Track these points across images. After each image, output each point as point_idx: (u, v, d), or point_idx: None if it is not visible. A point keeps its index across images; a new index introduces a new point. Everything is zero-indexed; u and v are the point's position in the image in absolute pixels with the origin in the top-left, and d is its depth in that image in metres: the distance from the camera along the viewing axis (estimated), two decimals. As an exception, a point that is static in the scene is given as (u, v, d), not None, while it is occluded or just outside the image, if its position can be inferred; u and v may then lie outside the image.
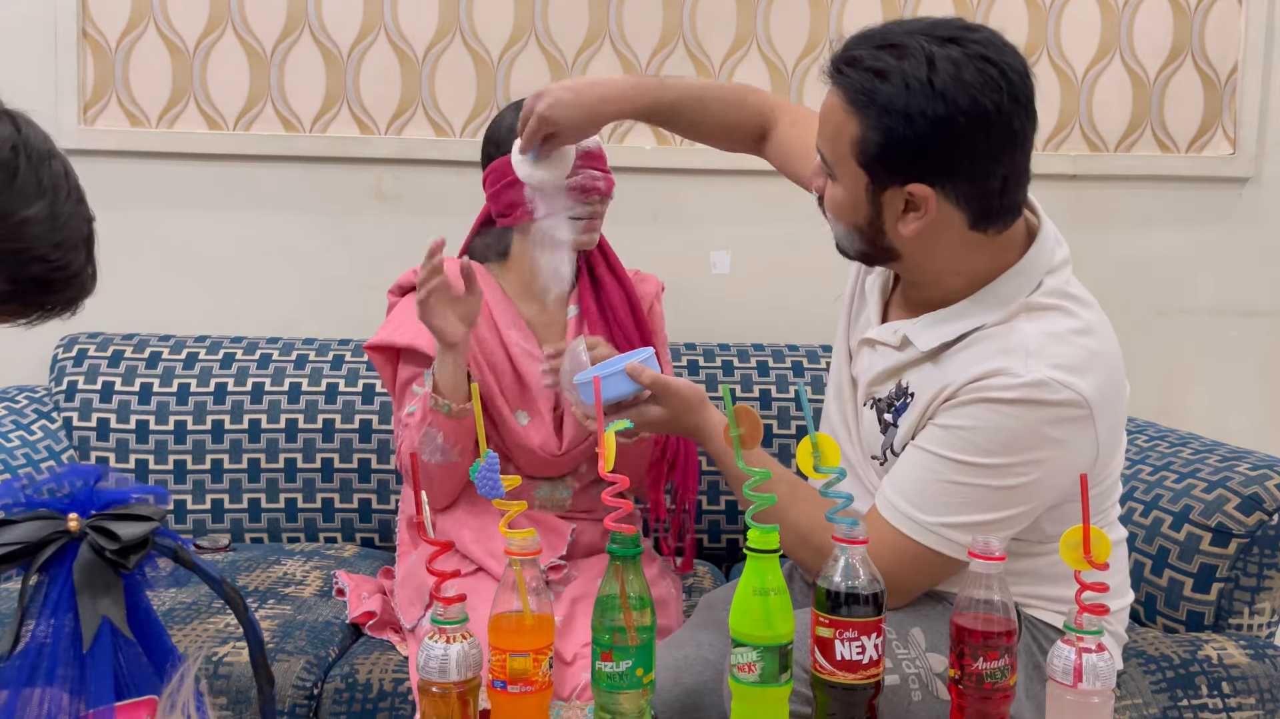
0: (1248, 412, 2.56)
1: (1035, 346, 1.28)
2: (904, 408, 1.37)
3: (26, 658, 0.81)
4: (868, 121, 1.25)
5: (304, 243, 2.45)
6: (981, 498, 1.29)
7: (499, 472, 1.08)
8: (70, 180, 1.12)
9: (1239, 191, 2.53)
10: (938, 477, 1.30)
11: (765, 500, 1.09)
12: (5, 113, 1.10)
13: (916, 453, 1.33)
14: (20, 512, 0.84)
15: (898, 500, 1.33)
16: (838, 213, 1.35)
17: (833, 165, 1.32)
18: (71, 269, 1.11)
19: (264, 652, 0.90)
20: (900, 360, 1.39)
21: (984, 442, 1.28)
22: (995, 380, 1.27)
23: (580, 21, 2.43)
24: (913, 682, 1.31)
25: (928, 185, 1.26)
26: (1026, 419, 1.26)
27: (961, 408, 1.29)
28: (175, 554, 0.86)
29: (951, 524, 1.29)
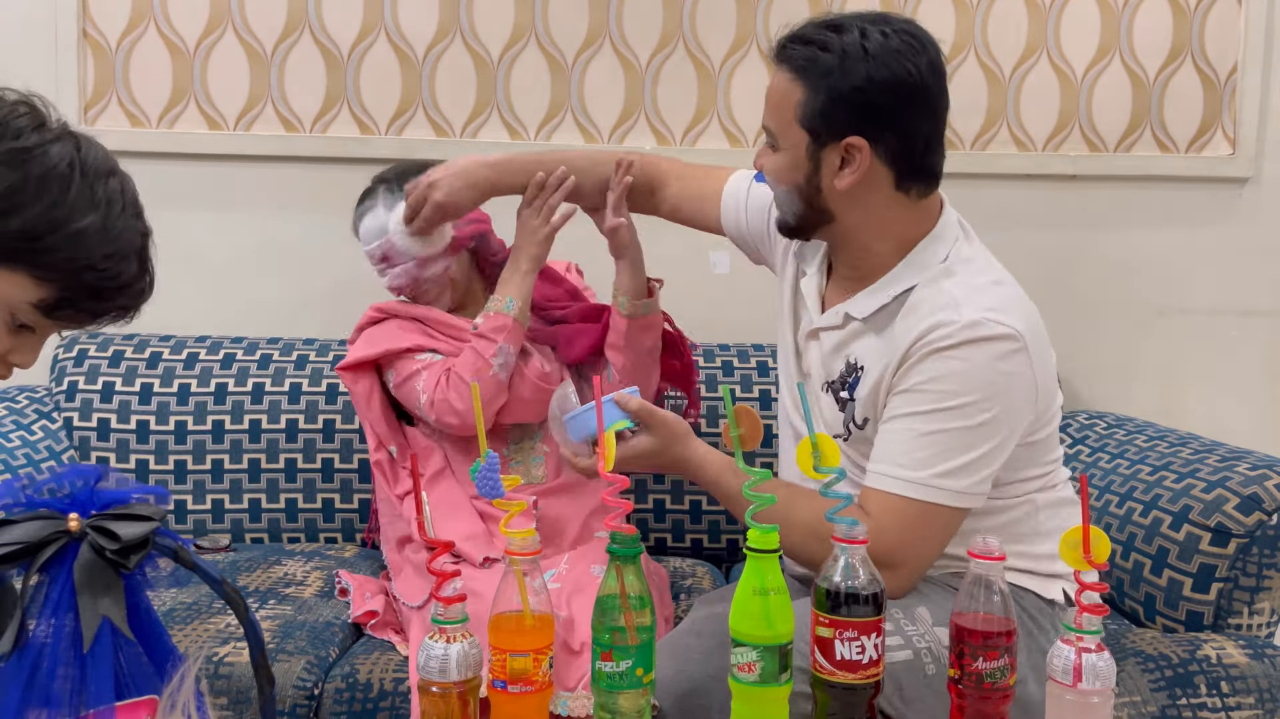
0: (1248, 412, 2.56)
1: (962, 296, 1.41)
2: (856, 382, 1.47)
3: (27, 658, 0.81)
4: (810, 86, 1.42)
5: (304, 243, 2.45)
6: (957, 440, 1.38)
7: (499, 472, 1.08)
8: (127, 196, 1.20)
9: (1239, 191, 2.53)
10: (913, 434, 1.39)
11: (765, 500, 1.09)
12: (69, 133, 1.17)
13: (889, 424, 1.42)
14: (20, 511, 0.84)
15: (885, 468, 1.40)
16: (779, 176, 1.49)
17: (777, 134, 1.48)
18: (122, 279, 1.18)
19: (264, 652, 0.90)
20: (843, 337, 1.50)
21: (943, 387, 1.38)
22: (936, 332, 1.39)
23: (580, 21, 2.43)
24: (925, 655, 1.36)
25: (862, 137, 1.41)
26: (974, 358, 1.37)
27: (914, 367, 1.40)
28: (175, 554, 0.86)
29: (940, 473, 1.37)
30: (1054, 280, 2.50)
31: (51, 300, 1.15)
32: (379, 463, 1.95)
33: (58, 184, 1.12)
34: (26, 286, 1.14)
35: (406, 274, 1.90)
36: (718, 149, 2.46)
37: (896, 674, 1.34)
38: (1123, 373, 2.53)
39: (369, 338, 1.94)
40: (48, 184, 1.12)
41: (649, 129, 2.45)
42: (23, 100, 1.16)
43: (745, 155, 2.45)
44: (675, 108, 2.46)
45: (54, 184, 1.12)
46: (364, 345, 1.93)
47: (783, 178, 1.48)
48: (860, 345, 1.48)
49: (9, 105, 1.15)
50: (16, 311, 1.15)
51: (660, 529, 2.24)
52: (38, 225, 1.11)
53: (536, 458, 1.91)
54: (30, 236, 1.11)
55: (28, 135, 1.13)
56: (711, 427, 2.23)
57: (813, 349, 1.56)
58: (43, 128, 1.15)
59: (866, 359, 1.47)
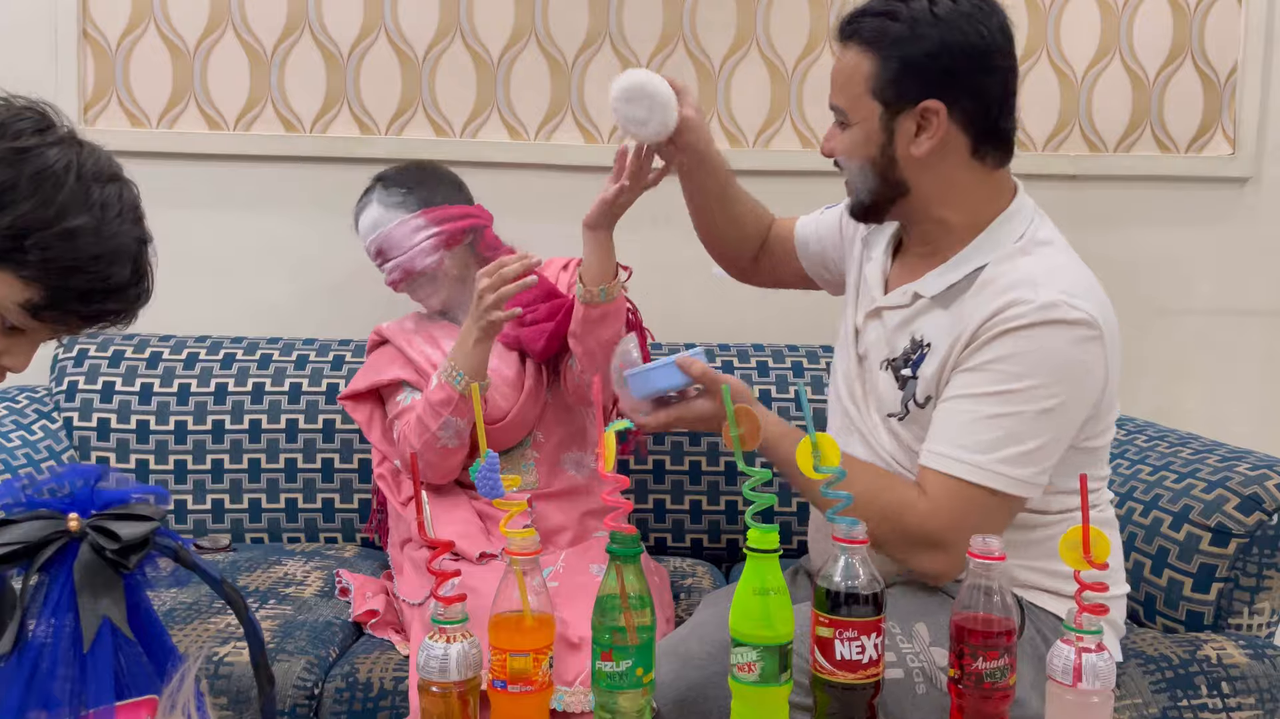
0: (1248, 412, 2.55)
1: (1039, 275, 1.39)
2: (921, 359, 1.45)
3: (27, 658, 0.81)
4: (881, 56, 1.42)
5: (304, 243, 2.45)
6: (1021, 426, 1.35)
7: (499, 472, 1.08)
8: (125, 202, 1.20)
9: (1239, 191, 2.53)
10: (978, 415, 1.37)
11: (765, 500, 1.09)
12: (74, 139, 1.18)
13: (952, 403, 1.40)
14: (21, 511, 0.84)
15: (945, 448, 1.38)
16: (852, 151, 1.48)
17: (847, 110, 1.47)
18: (112, 283, 1.17)
19: (264, 652, 0.90)
20: (908, 315, 1.49)
21: (1012, 368, 1.36)
22: (1011, 310, 1.37)
23: (580, 21, 2.43)
24: (916, 675, 1.33)
25: (939, 100, 1.41)
26: (1046, 341, 1.35)
27: (985, 345, 1.38)
28: (176, 554, 0.86)
29: (1003, 458, 1.35)
30: (1054, 280, 2.50)
31: (39, 301, 1.14)
32: (383, 475, 1.98)
33: (50, 183, 1.12)
34: (14, 286, 1.13)
35: (399, 268, 1.94)
36: (718, 149, 2.45)
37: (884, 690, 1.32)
38: (1123, 373, 2.52)
39: (369, 366, 2.02)
40: (40, 183, 1.12)
41: (649, 129, 2.45)
42: (30, 106, 1.17)
43: (746, 155, 2.45)
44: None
45: (46, 183, 1.12)
46: (362, 375, 2.01)
47: (856, 153, 1.47)
48: (926, 322, 1.47)
49: (15, 109, 1.16)
50: (5, 313, 1.15)
51: (660, 529, 2.24)
52: (26, 224, 1.11)
53: (527, 464, 1.91)
54: (17, 234, 1.10)
55: (27, 137, 1.13)
56: (711, 427, 2.23)
57: (872, 329, 1.54)
58: (45, 132, 1.15)
59: (934, 336, 1.45)
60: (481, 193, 2.10)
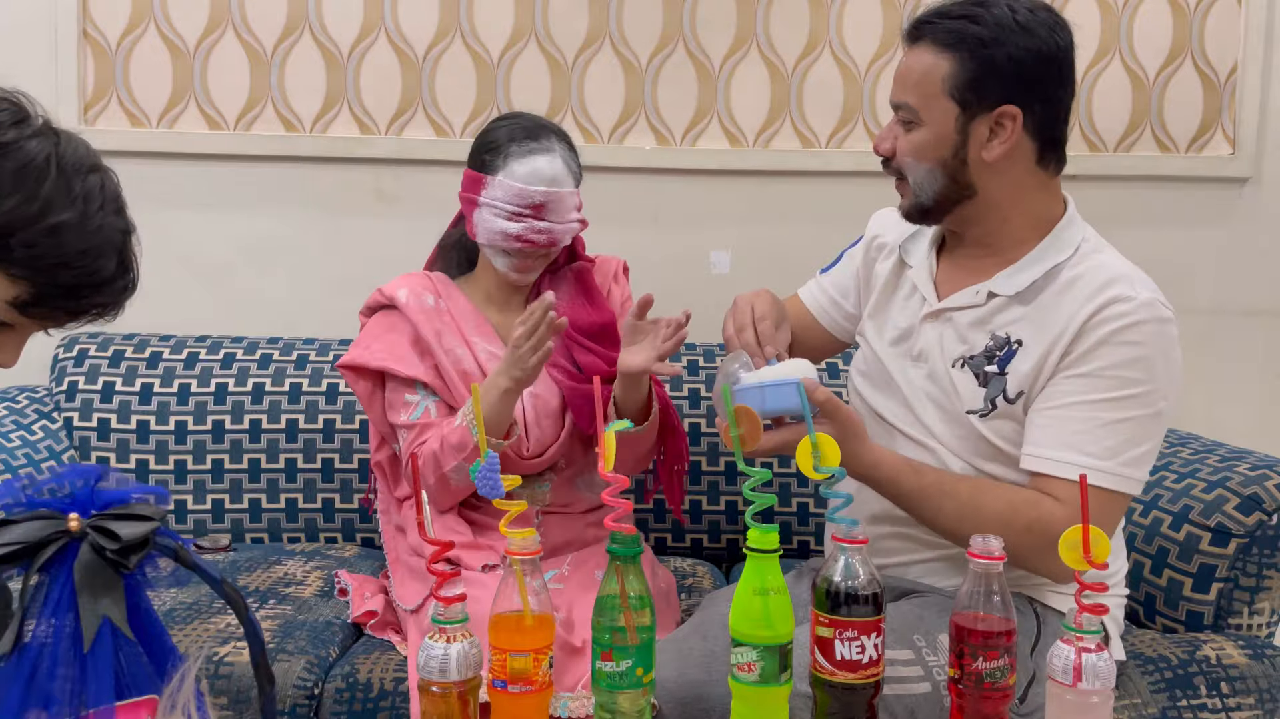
0: (1248, 412, 2.55)
1: (1129, 272, 1.45)
2: (1010, 354, 1.47)
3: (27, 657, 0.81)
4: (961, 57, 1.43)
5: (304, 243, 2.45)
6: (1139, 428, 1.40)
7: (499, 471, 1.08)
8: (107, 193, 1.17)
9: (1239, 191, 2.53)
10: (1100, 422, 1.39)
11: (766, 500, 1.09)
12: (50, 129, 1.16)
13: (1071, 409, 1.41)
14: (21, 511, 0.84)
15: (1073, 457, 1.39)
16: (921, 153, 1.48)
17: (919, 109, 1.46)
18: (99, 276, 1.15)
19: (264, 652, 0.90)
20: (984, 314, 1.50)
21: (1128, 373, 1.40)
22: (1114, 309, 1.40)
23: (580, 21, 2.43)
24: (944, 688, 1.33)
25: (1016, 105, 1.43)
26: (1153, 341, 1.41)
27: (1094, 351, 1.40)
28: (176, 554, 0.86)
29: (1126, 461, 1.39)
30: (1054, 280, 2.50)
31: (27, 298, 1.13)
32: (379, 464, 1.93)
33: (33, 178, 1.10)
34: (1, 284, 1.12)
35: (547, 234, 1.78)
36: (718, 149, 2.46)
37: (913, 706, 1.33)
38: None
39: (373, 335, 1.86)
40: (23, 178, 1.10)
41: (649, 129, 2.45)
42: (5, 97, 1.14)
43: (745, 155, 2.45)
44: (675, 108, 2.45)
45: (28, 179, 1.10)
46: (365, 345, 1.85)
47: (926, 154, 1.47)
48: (1009, 320, 1.48)
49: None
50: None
51: (660, 529, 2.24)
52: (11, 221, 1.09)
53: (544, 484, 1.85)
54: (2, 233, 1.09)
55: (5, 130, 1.11)
56: (711, 426, 2.23)
57: (931, 329, 1.54)
58: (23, 123, 1.13)
59: (1023, 333, 1.46)
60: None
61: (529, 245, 1.78)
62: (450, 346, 1.83)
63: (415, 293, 1.86)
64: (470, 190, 1.82)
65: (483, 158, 1.81)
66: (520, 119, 1.84)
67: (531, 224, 1.76)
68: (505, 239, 1.77)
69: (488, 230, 1.79)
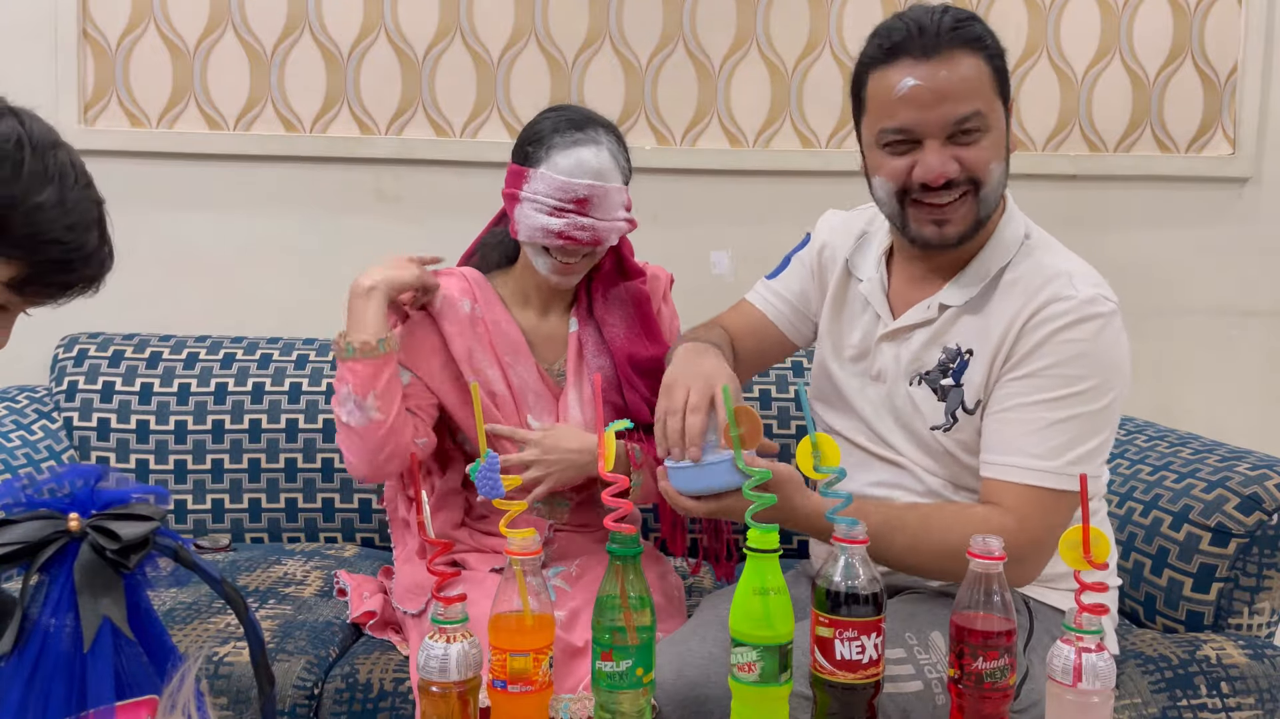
0: (1248, 412, 2.56)
1: (1070, 269, 1.44)
2: (964, 365, 1.47)
3: (27, 657, 0.81)
4: (989, 58, 1.43)
5: (304, 243, 2.45)
6: (1085, 425, 1.39)
7: (499, 472, 1.08)
8: (77, 167, 1.21)
9: (1239, 191, 2.53)
10: (1045, 423, 1.39)
11: (766, 500, 1.09)
12: (9, 109, 1.18)
13: (1014, 412, 1.41)
14: (21, 511, 0.84)
15: (1018, 459, 1.39)
16: (998, 154, 1.44)
17: (989, 114, 1.42)
18: (86, 249, 1.19)
19: (265, 652, 0.90)
20: (938, 328, 1.49)
21: (1070, 371, 1.39)
22: (1051, 308, 1.40)
23: (580, 21, 2.43)
24: (936, 685, 1.34)
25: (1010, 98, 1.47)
26: (1093, 336, 1.39)
27: (1037, 349, 1.40)
28: (176, 554, 0.86)
29: (1073, 460, 1.38)
30: (1054, 280, 2.50)
31: (21, 277, 1.16)
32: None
33: (10, 161, 1.13)
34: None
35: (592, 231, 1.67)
36: (717, 149, 2.46)
37: (905, 704, 1.33)
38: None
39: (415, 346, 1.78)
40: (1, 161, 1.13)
41: (649, 129, 2.45)
42: None
43: (745, 155, 2.46)
44: (675, 108, 2.46)
45: (5, 161, 1.13)
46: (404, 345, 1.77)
47: (1000, 154, 1.45)
48: (959, 331, 1.48)
49: None
50: None
51: (661, 529, 2.23)
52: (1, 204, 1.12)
53: (562, 502, 1.81)
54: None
55: None
56: (711, 427, 2.23)
57: (888, 349, 1.54)
58: None
59: (972, 342, 1.46)
60: (482, 192, 2.10)
61: (571, 243, 1.67)
62: (481, 367, 1.74)
63: (452, 300, 1.75)
64: (512, 185, 1.71)
65: (525, 150, 1.70)
66: (567, 110, 1.73)
67: (574, 220, 1.65)
68: (546, 235, 1.66)
69: (529, 227, 1.67)
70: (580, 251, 1.70)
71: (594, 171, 1.66)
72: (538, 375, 1.78)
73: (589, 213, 1.66)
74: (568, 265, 1.71)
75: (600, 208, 1.67)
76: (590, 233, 1.67)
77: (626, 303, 1.81)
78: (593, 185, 1.65)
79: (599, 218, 1.67)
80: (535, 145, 1.69)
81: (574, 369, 1.79)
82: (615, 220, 1.70)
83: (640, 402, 1.76)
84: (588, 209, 1.66)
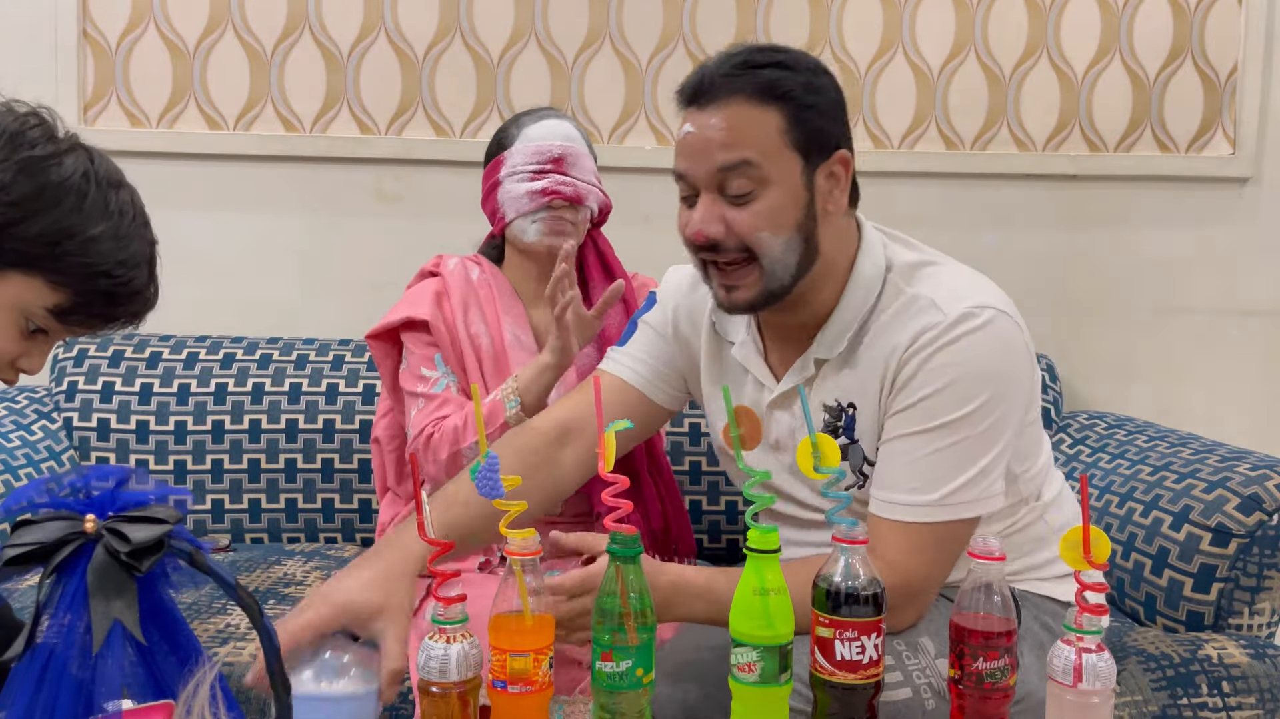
0: (1248, 412, 2.56)
1: (935, 295, 1.33)
2: (851, 420, 1.37)
3: (38, 658, 0.82)
4: (789, 108, 1.30)
5: (304, 243, 2.45)
6: (966, 451, 1.29)
7: (499, 472, 1.08)
8: (136, 207, 1.26)
9: (1239, 191, 2.53)
10: (922, 453, 1.30)
11: (765, 500, 1.09)
12: (81, 146, 1.23)
13: (890, 446, 1.33)
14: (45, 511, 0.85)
15: (892, 495, 1.31)
16: (780, 220, 1.31)
17: (764, 164, 1.30)
18: (134, 285, 1.24)
19: (280, 659, 0.89)
20: (820, 385, 1.39)
21: (946, 399, 1.29)
22: (925, 337, 1.30)
23: (580, 21, 2.43)
24: (925, 691, 1.32)
25: (845, 149, 1.34)
26: (969, 355, 1.29)
27: (906, 385, 1.31)
28: (191, 558, 0.86)
29: (953, 489, 1.29)
30: (1054, 280, 2.50)
31: (67, 305, 1.20)
32: (378, 439, 1.90)
33: (75, 193, 1.18)
34: (43, 292, 1.19)
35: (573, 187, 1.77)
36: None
37: (893, 712, 1.30)
38: (1123, 373, 2.53)
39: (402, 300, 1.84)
40: (65, 192, 1.17)
41: (649, 129, 2.45)
42: (33, 112, 1.21)
43: (745, 155, 2.45)
44: (675, 108, 2.45)
45: (71, 192, 1.18)
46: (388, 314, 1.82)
47: (785, 221, 1.31)
48: (837, 384, 1.38)
49: (20, 117, 1.19)
50: (32, 316, 1.20)
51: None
52: (55, 232, 1.17)
53: None
54: (49, 242, 1.16)
55: (43, 145, 1.18)
56: (711, 427, 2.23)
57: (780, 418, 1.43)
58: (54, 139, 1.20)
59: (853, 395, 1.37)
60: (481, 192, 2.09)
61: (557, 196, 1.76)
62: (476, 330, 1.81)
63: (463, 262, 1.88)
64: (490, 177, 1.83)
65: (498, 142, 1.84)
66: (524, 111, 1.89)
67: (555, 177, 1.77)
68: (532, 198, 1.76)
69: (514, 197, 1.78)
70: (567, 209, 1.79)
71: (564, 134, 1.80)
72: (530, 333, 1.84)
73: (567, 171, 1.78)
74: (559, 226, 1.78)
75: (576, 167, 1.79)
76: (572, 188, 1.78)
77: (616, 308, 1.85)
78: (565, 145, 1.78)
79: (576, 177, 1.79)
80: (504, 133, 1.84)
81: None
82: (591, 184, 1.81)
83: None
84: (564, 167, 1.78)
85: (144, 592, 0.85)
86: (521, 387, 1.68)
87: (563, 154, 1.78)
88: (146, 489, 0.87)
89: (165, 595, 0.87)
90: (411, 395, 1.78)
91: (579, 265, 1.87)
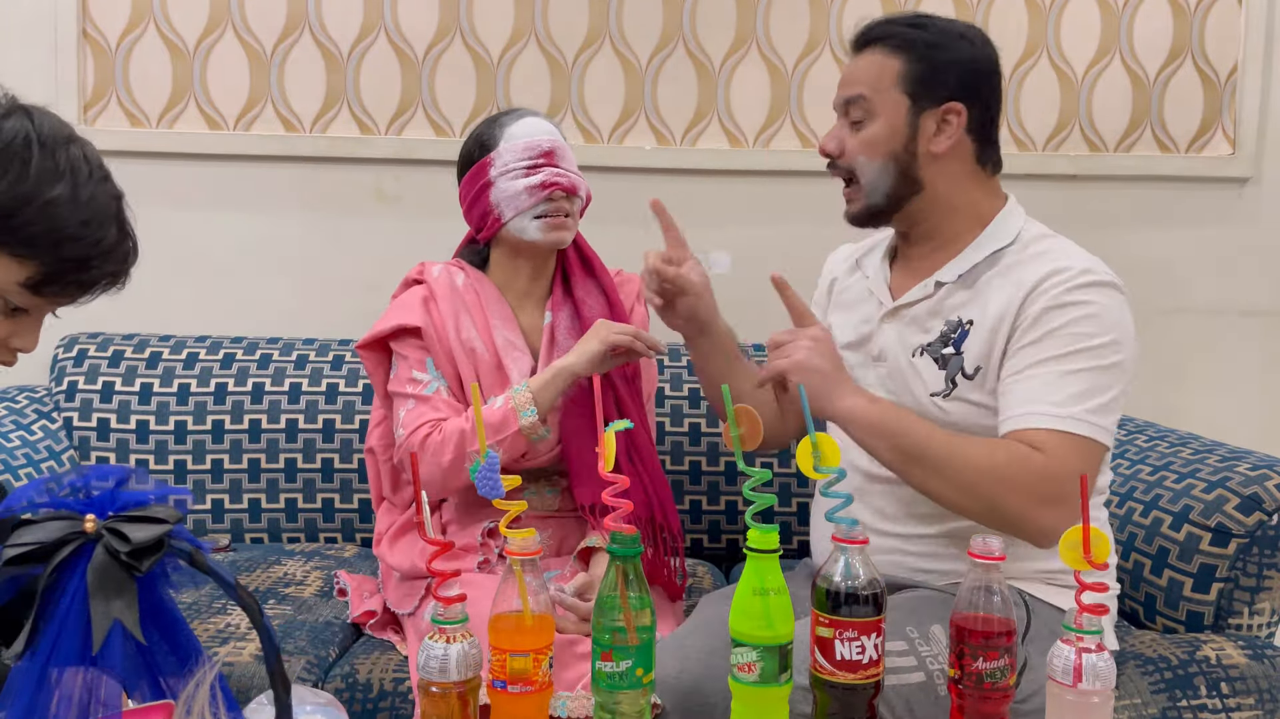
0: (1248, 412, 2.56)
1: (1066, 249, 1.52)
2: (964, 335, 1.53)
3: (37, 659, 0.81)
4: (910, 57, 1.53)
5: (304, 243, 2.45)
6: (1098, 380, 1.43)
7: (499, 471, 1.08)
8: (91, 162, 1.18)
9: (1239, 191, 2.53)
10: (1057, 374, 1.43)
11: (766, 500, 1.09)
12: (19, 107, 1.16)
13: (1028, 371, 1.45)
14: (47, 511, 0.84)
15: (1041, 408, 1.42)
16: (874, 148, 1.55)
17: (873, 99, 1.54)
18: (104, 244, 1.17)
19: (280, 658, 0.89)
20: (935, 303, 1.56)
21: (1076, 329, 1.44)
22: (1055, 278, 1.46)
23: (580, 21, 2.43)
24: (938, 676, 1.37)
25: (960, 103, 1.53)
26: (1099, 299, 1.46)
27: (1039, 318, 1.45)
28: (191, 558, 0.86)
29: (1090, 409, 1.41)
30: (1054, 280, 2.50)
31: (38, 277, 1.14)
32: (372, 450, 1.90)
33: (18, 159, 1.11)
34: (10, 267, 1.13)
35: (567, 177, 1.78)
36: (718, 149, 2.46)
37: (908, 695, 1.34)
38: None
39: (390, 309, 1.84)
40: (8, 160, 1.11)
41: (649, 129, 2.45)
42: None
43: (745, 155, 2.45)
44: (675, 108, 2.46)
45: (14, 159, 1.11)
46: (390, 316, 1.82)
47: (879, 148, 1.54)
48: (958, 304, 1.54)
49: None
50: (7, 294, 1.15)
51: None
52: (6, 202, 1.10)
53: (552, 489, 1.84)
54: (2, 215, 1.10)
55: None
56: (711, 426, 2.23)
57: (888, 330, 1.60)
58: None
59: (972, 313, 1.52)
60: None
61: (557, 188, 1.76)
62: (467, 335, 1.79)
63: (447, 269, 1.87)
64: (477, 179, 1.80)
65: (476, 150, 1.83)
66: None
67: (551, 170, 1.77)
68: (532, 192, 1.76)
69: (511, 195, 1.77)
70: (565, 200, 1.79)
71: (548, 130, 1.82)
72: (520, 334, 1.83)
73: (558, 163, 1.79)
74: (559, 220, 1.79)
75: (565, 159, 1.80)
76: (567, 178, 1.78)
77: (598, 294, 1.88)
78: (552, 139, 1.80)
79: (568, 168, 1.80)
80: (485, 135, 1.82)
81: (545, 358, 1.82)
82: (577, 175, 1.82)
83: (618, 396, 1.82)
84: (555, 160, 1.79)
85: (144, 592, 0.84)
86: (536, 393, 1.69)
87: (552, 147, 1.79)
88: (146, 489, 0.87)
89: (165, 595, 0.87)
90: (401, 397, 1.77)
91: (559, 261, 1.88)
